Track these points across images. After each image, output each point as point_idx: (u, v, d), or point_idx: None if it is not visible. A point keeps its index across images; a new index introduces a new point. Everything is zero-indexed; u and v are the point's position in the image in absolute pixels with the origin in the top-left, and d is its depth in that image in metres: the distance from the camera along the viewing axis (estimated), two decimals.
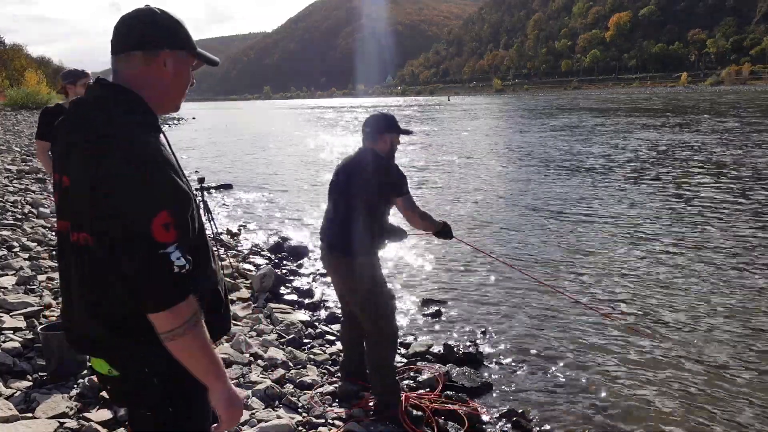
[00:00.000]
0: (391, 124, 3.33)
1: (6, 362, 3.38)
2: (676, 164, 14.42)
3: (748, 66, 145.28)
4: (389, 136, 3.32)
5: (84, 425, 2.87)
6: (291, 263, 7.14)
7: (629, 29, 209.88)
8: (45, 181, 10.78)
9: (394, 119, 3.38)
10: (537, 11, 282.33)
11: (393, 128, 3.33)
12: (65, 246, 1.42)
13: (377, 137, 3.30)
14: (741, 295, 5.52)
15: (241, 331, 4.52)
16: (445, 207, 10.33)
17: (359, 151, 3.38)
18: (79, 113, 1.37)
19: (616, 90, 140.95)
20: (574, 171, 14.07)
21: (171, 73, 1.44)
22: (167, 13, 1.44)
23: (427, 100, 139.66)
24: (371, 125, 3.32)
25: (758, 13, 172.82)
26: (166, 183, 1.30)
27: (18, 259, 5.51)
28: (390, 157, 3.34)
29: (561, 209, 9.74)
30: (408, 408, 3.42)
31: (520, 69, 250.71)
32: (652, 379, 4.07)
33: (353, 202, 3.23)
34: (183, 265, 1.30)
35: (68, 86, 4.00)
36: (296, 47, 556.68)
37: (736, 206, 9.40)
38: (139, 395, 1.44)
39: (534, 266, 6.69)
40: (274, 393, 3.50)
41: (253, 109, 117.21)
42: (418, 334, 4.99)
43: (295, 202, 11.67)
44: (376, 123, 3.32)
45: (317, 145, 24.67)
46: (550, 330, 4.94)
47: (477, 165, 16.16)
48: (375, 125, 3.31)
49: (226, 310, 1.56)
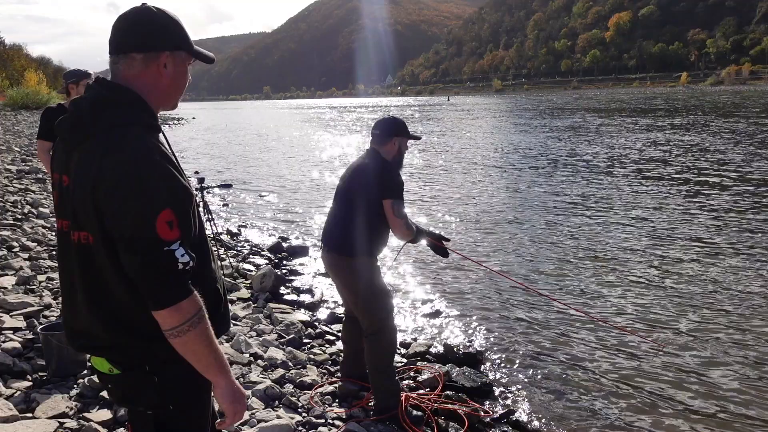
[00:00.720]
0: (401, 129, 3.37)
1: (6, 362, 3.38)
2: (679, 165, 14.42)
3: (748, 66, 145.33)
4: (398, 140, 3.36)
5: (84, 425, 2.87)
6: (291, 263, 7.14)
7: (629, 29, 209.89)
8: (45, 181, 10.77)
9: (404, 124, 3.41)
10: (537, 11, 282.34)
11: (402, 132, 3.37)
12: (65, 245, 1.42)
13: (386, 140, 3.33)
14: (740, 298, 5.52)
15: (241, 331, 4.53)
16: (446, 209, 10.34)
17: (365, 153, 3.43)
18: (80, 113, 1.37)
19: (616, 90, 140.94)
20: (575, 172, 14.07)
21: (171, 74, 1.45)
22: (164, 12, 1.43)
23: (427, 100, 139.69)
24: (381, 128, 3.36)
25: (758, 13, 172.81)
26: (167, 181, 1.30)
27: (18, 259, 5.51)
28: (398, 161, 3.38)
29: (561, 212, 9.75)
30: (408, 408, 3.42)
31: (520, 69, 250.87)
32: (652, 379, 4.08)
33: (354, 203, 3.27)
34: (187, 261, 1.31)
35: (71, 86, 4.02)
36: (296, 47, 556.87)
37: (741, 208, 9.40)
38: (140, 394, 1.44)
39: (532, 273, 6.69)
40: (274, 393, 3.50)
41: (253, 109, 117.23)
42: (418, 334, 4.99)
43: (295, 202, 11.67)
44: (386, 126, 3.36)
45: (317, 146, 24.69)
46: (550, 330, 4.94)
47: (477, 165, 16.16)
48: (385, 128, 3.35)
49: (225, 309, 1.57)
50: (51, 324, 3.53)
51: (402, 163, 3.42)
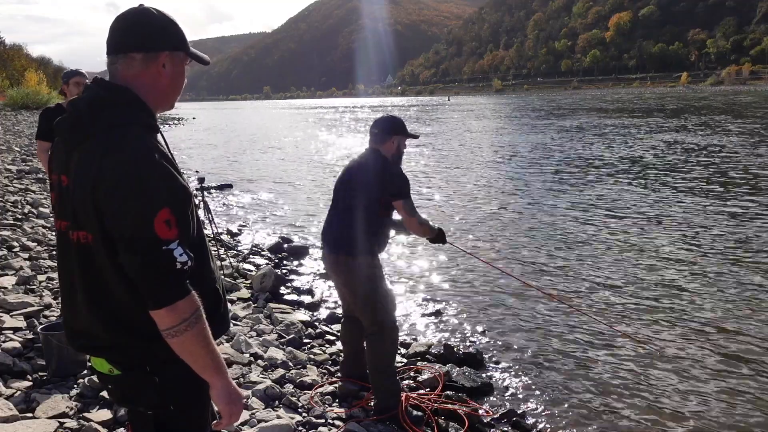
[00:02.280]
0: (399, 127, 3.38)
1: (6, 362, 3.38)
2: (682, 166, 14.42)
3: (748, 66, 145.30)
4: (396, 139, 3.36)
5: (84, 425, 2.87)
6: (291, 263, 7.14)
7: (629, 29, 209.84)
8: (45, 181, 10.76)
9: (402, 122, 3.42)
10: (537, 11, 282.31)
11: (401, 131, 3.37)
12: (65, 245, 1.43)
13: (385, 139, 3.34)
14: (741, 298, 5.52)
15: (241, 331, 4.52)
16: (446, 209, 10.33)
17: (364, 152, 3.42)
18: (78, 113, 1.38)
19: (617, 90, 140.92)
20: (575, 173, 14.07)
21: (169, 74, 1.45)
22: (163, 13, 1.44)
23: (427, 100, 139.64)
24: (379, 126, 3.36)
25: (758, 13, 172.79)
26: (165, 181, 1.31)
27: (18, 259, 5.51)
28: (396, 160, 3.38)
29: (564, 212, 9.74)
30: (408, 408, 3.42)
31: (520, 69, 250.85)
32: (652, 379, 4.07)
33: (354, 202, 3.27)
34: (185, 261, 1.31)
35: (64, 86, 4.04)
36: (296, 47, 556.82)
37: (743, 210, 9.40)
38: (140, 394, 1.44)
39: (532, 272, 6.69)
40: (274, 393, 3.50)
41: (254, 109, 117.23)
42: (418, 334, 4.99)
43: (295, 202, 11.66)
44: (384, 125, 3.36)
45: (318, 146, 24.69)
46: (550, 330, 4.94)
47: (477, 166, 16.16)
48: (383, 127, 3.36)
49: (225, 309, 1.57)
50: (51, 324, 3.52)
51: (401, 162, 3.42)
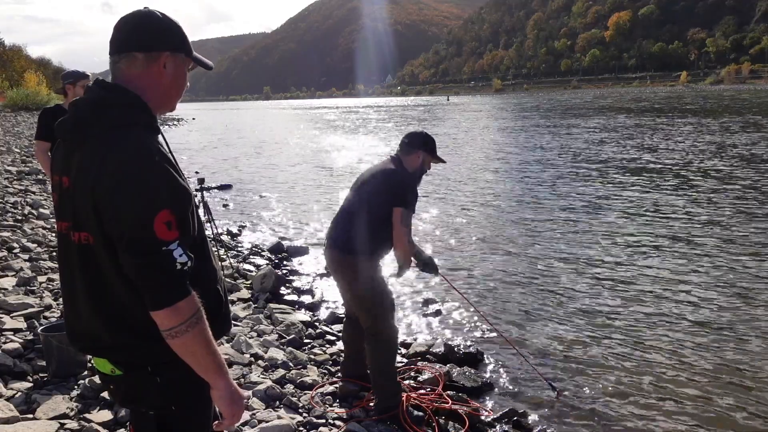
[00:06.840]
0: (428, 144, 3.44)
1: (6, 363, 3.38)
2: (685, 166, 14.42)
3: (748, 65, 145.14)
4: (422, 154, 3.41)
5: (84, 426, 2.87)
6: (291, 263, 7.14)
7: (629, 29, 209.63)
8: (45, 182, 10.77)
9: (433, 141, 3.48)
10: (537, 11, 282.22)
11: (428, 148, 3.42)
12: (66, 246, 1.43)
13: (410, 151, 3.40)
14: (741, 298, 5.52)
15: (242, 331, 4.53)
16: (447, 216, 10.33)
17: (388, 158, 3.49)
18: (79, 114, 1.38)
19: (616, 89, 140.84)
20: (576, 174, 14.06)
21: (170, 76, 1.46)
22: (167, 16, 1.46)
23: (426, 100, 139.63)
24: (409, 137, 3.45)
25: (758, 12, 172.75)
26: (166, 182, 1.31)
27: (18, 260, 5.51)
28: (417, 175, 3.42)
29: (568, 212, 9.74)
30: (409, 408, 3.42)
31: (520, 69, 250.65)
32: (652, 380, 4.08)
33: (364, 204, 3.30)
34: (185, 262, 1.31)
35: (68, 86, 4.03)
36: (296, 47, 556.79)
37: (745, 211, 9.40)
38: (142, 395, 1.45)
39: (533, 272, 6.69)
40: (274, 393, 3.50)
41: (253, 109, 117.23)
42: (418, 334, 4.99)
43: (295, 202, 11.66)
44: (414, 138, 3.44)
45: (317, 146, 24.67)
46: (550, 331, 4.94)
47: (478, 167, 16.15)
48: (412, 139, 3.44)
49: (226, 310, 1.57)
50: (51, 325, 3.53)
51: (420, 180, 3.45)
